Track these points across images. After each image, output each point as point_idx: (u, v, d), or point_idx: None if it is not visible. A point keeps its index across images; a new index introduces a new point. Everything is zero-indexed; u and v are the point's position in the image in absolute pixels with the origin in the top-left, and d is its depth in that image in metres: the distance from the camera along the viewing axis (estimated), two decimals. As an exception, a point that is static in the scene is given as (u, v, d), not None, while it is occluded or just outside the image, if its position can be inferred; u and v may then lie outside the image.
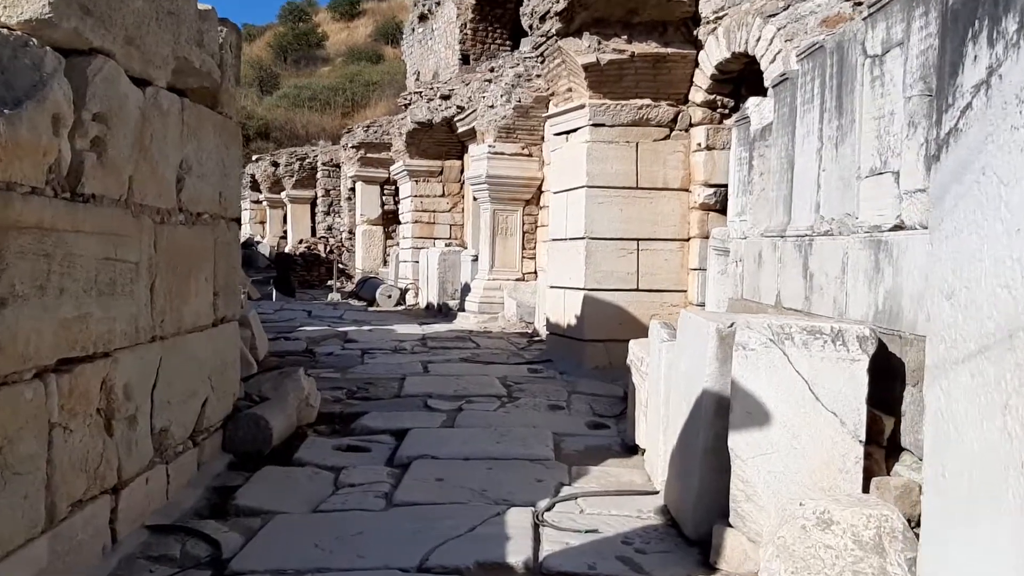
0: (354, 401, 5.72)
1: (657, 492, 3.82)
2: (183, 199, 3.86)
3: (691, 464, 3.31)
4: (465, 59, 16.04)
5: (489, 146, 10.02)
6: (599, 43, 6.56)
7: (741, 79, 6.79)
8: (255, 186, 24.77)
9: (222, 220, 4.43)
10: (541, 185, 10.22)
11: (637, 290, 6.94)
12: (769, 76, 5.70)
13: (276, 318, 10.41)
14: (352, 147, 16.25)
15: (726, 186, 6.82)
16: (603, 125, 6.83)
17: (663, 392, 3.85)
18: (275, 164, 22.37)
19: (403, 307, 12.71)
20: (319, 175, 20.85)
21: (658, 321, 5.32)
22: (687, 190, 6.97)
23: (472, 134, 11.38)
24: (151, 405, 3.50)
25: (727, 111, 6.88)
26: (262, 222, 25.38)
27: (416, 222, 13.12)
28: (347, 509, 3.55)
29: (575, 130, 7.05)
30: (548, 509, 3.56)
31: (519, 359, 7.50)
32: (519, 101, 9.71)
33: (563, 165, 7.32)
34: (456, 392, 5.92)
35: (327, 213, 20.95)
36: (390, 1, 39.92)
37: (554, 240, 7.53)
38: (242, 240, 23.85)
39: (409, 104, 12.90)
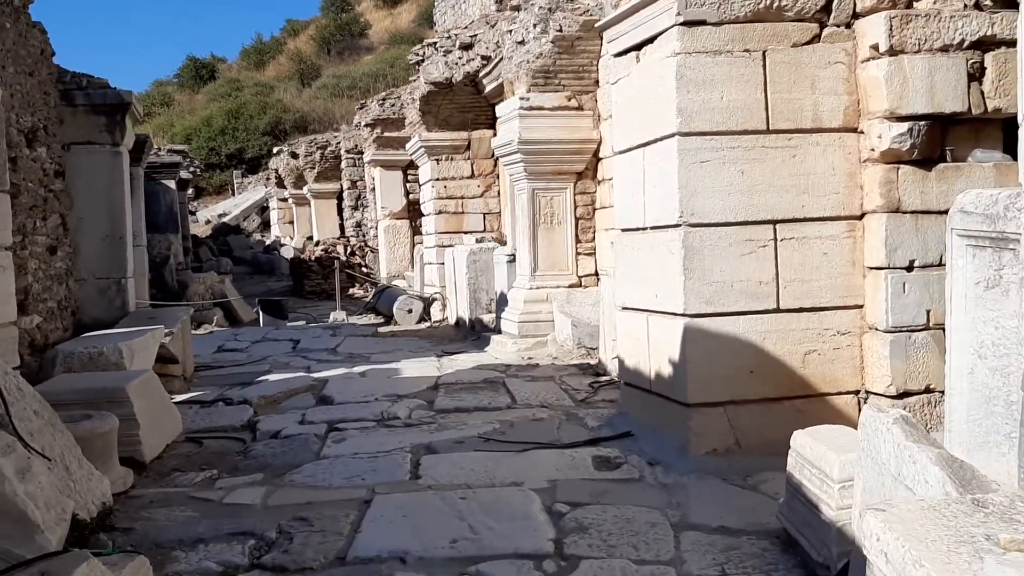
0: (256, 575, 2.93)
1: None
2: None
3: None
4: (501, 17, 13.13)
5: (521, 98, 7.08)
6: None
7: (950, -79, 3.75)
8: (280, 182, 22.29)
9: None
10: (598, 149, 7.25)
11: (778, 311, 3.96)
12: None
13: (243, 357, 7.68)
14: (366, 125, 13.49)
15: (929, 117, 3.80)
16: (703, 23, 3.85)
17: None
18: (294, 155, 19.74)
19: (428, 324, 9.87)
20: (343, 164, 18.15)
21: (894, 417, 2.37)
22: (856, 129, 3.96)
23: (502, 91, 8.46)
24: None
25: (925, -17, 3.85)
26: (290, 222, 22.85)
27: (440, 213, 10.25)
28: None
29: (653, 39, 4.08)
30: None
31: (578, 430, 4.60)
32: (560, 30, 6.74)
33: (634, 103, 4.36)
34: (455, 544, 3.05)
35: (355, 208, 18.28)
36: (433, -16, 38.18)
37: (625, 231, 4.58)
38: (266, 243, 21.69)
39: (422, 61, 10.02)
